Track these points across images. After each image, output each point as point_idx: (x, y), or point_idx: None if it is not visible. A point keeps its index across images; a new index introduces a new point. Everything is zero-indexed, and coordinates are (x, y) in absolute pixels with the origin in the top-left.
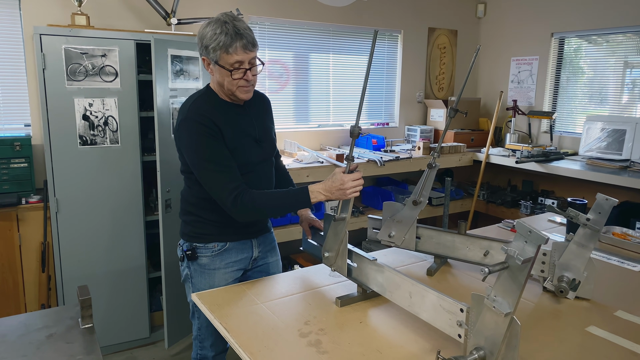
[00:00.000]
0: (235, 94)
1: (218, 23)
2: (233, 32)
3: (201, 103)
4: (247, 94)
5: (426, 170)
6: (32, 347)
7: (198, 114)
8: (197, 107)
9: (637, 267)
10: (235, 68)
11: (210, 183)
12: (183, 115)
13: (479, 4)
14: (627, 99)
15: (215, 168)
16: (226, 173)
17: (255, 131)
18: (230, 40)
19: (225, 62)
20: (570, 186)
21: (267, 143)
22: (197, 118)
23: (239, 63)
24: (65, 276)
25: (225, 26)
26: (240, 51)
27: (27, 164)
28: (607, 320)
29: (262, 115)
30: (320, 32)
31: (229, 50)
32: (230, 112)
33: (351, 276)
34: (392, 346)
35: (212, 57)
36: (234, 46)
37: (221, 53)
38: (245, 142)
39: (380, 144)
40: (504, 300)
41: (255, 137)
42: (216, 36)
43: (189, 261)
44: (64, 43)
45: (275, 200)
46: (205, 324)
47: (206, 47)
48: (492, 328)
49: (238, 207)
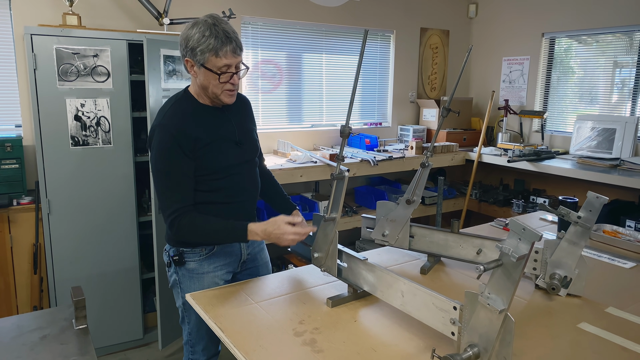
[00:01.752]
0: (220, 98)
1: (205, 25)
2: (223, 36)
3: (178, 109)
4: (231, 98)
5: (419, 170)
6: (25, 349)
7: (174, 125)
8: (174, 114)
9: (627, 264)
10: (223, 72)
11: (160, 195)
12: (159, 121)
13: (470, 5)
14: (617, 99)
15: (170, 184)
16: (178, 192)
17: (235, 134)
18: (220, 44)
19: (213, 65)
20: (562, 185)
21: (247, 145)
22: (173, 130)
23: (227, 67)
24: (58, 278)
25: (214, 29)
26: (230, 55)
27: (18, 165)
28: (598, 316)
29: (242, 117)
30: (313, 32)
31: (219, 53)
32: (209, 116)
33: (341, 276)
34: (386, 345)
35: (198, 59)
36: (224, 50)
37: (210, 56)
38: (225, 146)
39: (373, 143)
40: (498, 297)
41: (235, 140)
42: (205, 39)
43: (177, 266)
44: (55, 43)
45: (212, 227)
46: (196, 329)
47: (192, 49)
48: (486, 325)
49: (175, 228)
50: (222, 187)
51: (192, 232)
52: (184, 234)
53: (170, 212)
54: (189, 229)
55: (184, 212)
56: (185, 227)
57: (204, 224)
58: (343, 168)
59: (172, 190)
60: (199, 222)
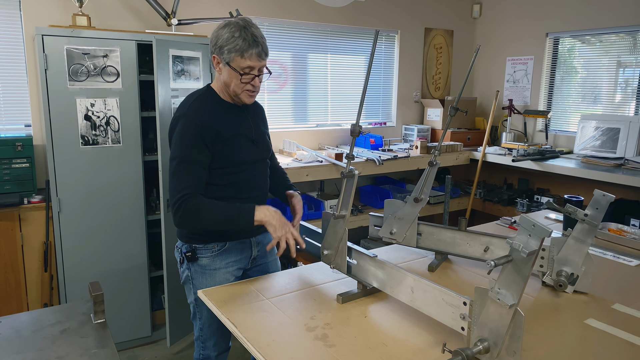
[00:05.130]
0: (240, 97)
1: (236, 27)
2: (251, 39)
3: (202, 102)
4: (250, 99)
5: (427, 168)
6: (47, 342)
7: (199, 116)
8: (198, 107)
9: (632, 261)
10: (245, 73)
11: (172, 180)
12: (183, 112)
13: (474, 5)
14: (621, 98)
15: (184, 170)
16: (190, 179)
17: (252, 132)
18: (247, 46)
19: (237, 65)
20: (566, 184)
21: (262, 144)
22: (197, 121)
23: (250, 68)
24: (68, 275)
25: (244, 31)
26: (255, 58)
27: (28, 164)
28: (605, 313)
29: (257, 120)
30: (318, 32)
31: (244, 55)
32: (230, 112)
33: (351, 273)
34: (397, 340)
35: (224, 57)
36: (249, 52)
37: (235, 56)
38: (242, 142)
39: (378, 143)
40: (508, 293)
41: (252, 138)
42: (234, 39)
43: (189, 263)
44: (66, 44)
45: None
46: (207, 324)
47: (220, 47)
48: (496, 320)
49: (180, 210)
50: (235, 181)
51: (197, 214)
52: (189, 217)
53: (178, 196)
54: (194, 212)
55: (192, 196)
56: (191, 210)
57: (210, 206)
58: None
59: (185, 176)
60: (205, 204)
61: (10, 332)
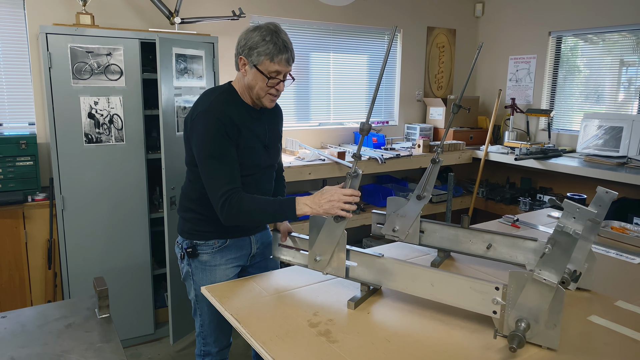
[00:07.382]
0: (262, 100)
1: (267, 30)
2: (282, 44)
3: (223, 99)
4: (272, 103)
5: (430, 166)
6: (52, 336)
7: (220, 110)
8: (220, 103)
9: (635, 259)
10: (272, 77)
11: (209, 179)
12: (204, 108)
13: (477, 3)
14: (623, 97)
15: (219, 166)
16: (227, 173)
17: (266, 137)
18: (277, 51)
19: (265, 69)
20: (568, 183)
21: (273, 150)
22: (219, 115)
23: (276, 73)
24: (71, 273)
25: (275, 36)
26: (284, 63)
27: (32, 162)
28: (608, 309)
29: (274, 123)
30: (321, 31)
31: (274, 59)
32: (248, 114)
33: (348, 276)
34: (399, 335)
35: (252, 59)
36: (279, 57)
37: (265, 59)
38: (257, 146)
39: (381, 142)
40: (552, 273)
41: (265, 143)
42: (265, 43)
43: (190, 259)
44: (70, 42)
45: (262, 205)
46: (208, 321)
47: (250, 49)
48: (537, 299)
49: (225, 209)
50: (244, 184)
51: (242, 211)
52: (234, 213)
53: (220, 195)
54: (238, 209)
55: (234, 193)
56: (235, 207)
57: (253, 202)
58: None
59: (220, 173)
60: (247, 201)
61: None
